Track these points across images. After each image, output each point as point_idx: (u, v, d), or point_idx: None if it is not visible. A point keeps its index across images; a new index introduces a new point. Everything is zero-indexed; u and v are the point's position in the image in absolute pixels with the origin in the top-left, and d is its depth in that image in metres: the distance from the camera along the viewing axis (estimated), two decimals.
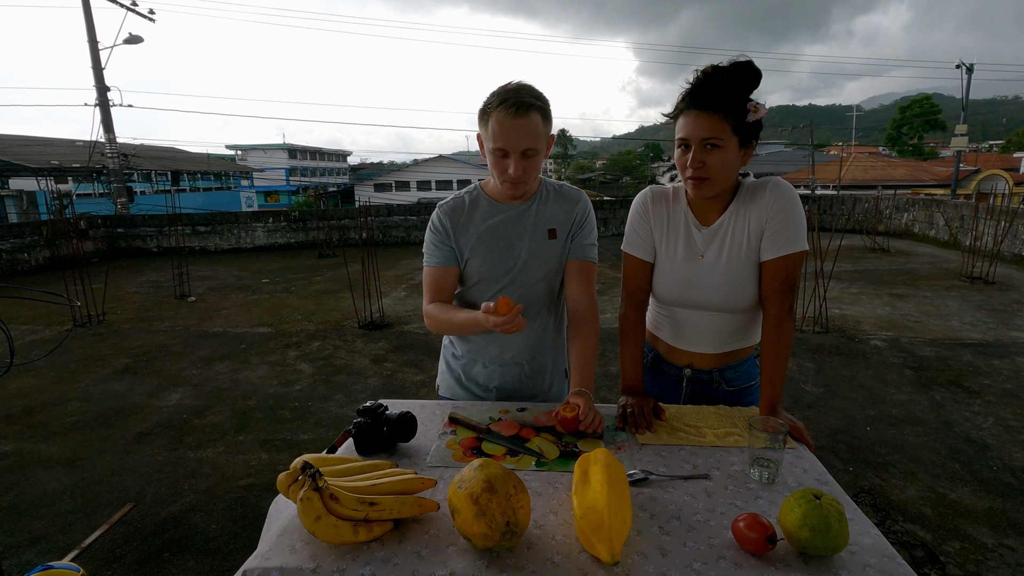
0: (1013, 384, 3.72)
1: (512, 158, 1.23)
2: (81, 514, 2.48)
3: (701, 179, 1.19)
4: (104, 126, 12.86)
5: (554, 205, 1.39)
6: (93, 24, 12.50)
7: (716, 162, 1.17)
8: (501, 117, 1.20)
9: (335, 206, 15.14)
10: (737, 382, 1.41)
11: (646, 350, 1.48)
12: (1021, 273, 7.49)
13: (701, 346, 1.38)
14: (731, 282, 1.27)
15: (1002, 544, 2.18)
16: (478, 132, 1.29)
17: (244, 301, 6.84)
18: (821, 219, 11.81)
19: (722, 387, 1.41)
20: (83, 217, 11.01)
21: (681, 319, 1.37)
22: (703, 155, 1.17)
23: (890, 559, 0.83)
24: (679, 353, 1.42)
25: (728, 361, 1.39)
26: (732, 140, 1.17)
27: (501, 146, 1.22)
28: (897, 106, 43.71)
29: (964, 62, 18.14)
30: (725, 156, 1.17)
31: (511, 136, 1.21)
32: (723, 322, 1.33)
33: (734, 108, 1.15)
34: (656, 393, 1.48)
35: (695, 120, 1.16)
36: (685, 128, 1.18)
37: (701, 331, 1.36)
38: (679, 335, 1.40)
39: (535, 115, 1.21)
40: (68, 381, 4.17)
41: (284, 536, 0.90)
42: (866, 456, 2.86)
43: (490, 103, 1.22)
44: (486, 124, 1.23)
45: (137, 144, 23.83)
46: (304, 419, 3.44)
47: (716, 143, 1.16)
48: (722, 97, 1.14)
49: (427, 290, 1.41)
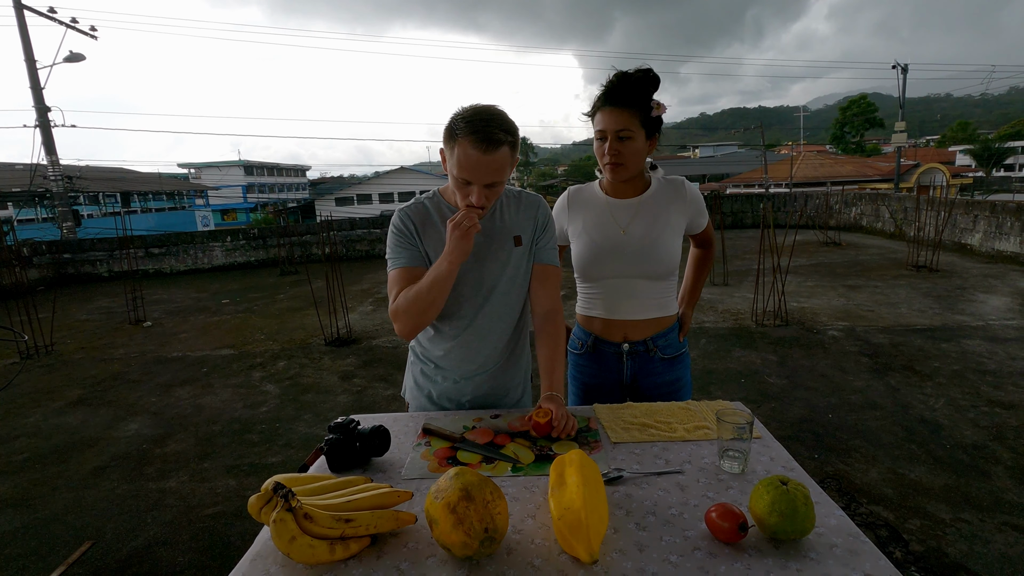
0: (960, 365, 3.93)
1: (475, 188, 1.21)
2: (35, 556, 2.35)
3: (617, 164, 1.43)
4: (46, 148, 12.30)
5: (516, 212, 1.39)
6: (30, 42, 11.97)
7: (628, 150, 1.41)
8: (469, 150, 1.16)
9: (295, 222, 14.86)
10: (669, 350, 1.57)
11: (583, 336, 1.63)
12: (962, 260, 7.92)
13: (634, 312, 1.53)
14: (653, 248, 1.48)
15: (959, 519, 2.28)
16: (441, 148, 1.26)
17: (204, 323, 6.62)
18: (776, 216, 12.23)
19: (657, 355, 1.56)
20: (26, 244, 10.48)
21: (613, 289, 1.53)
22: (618, 145, 1.40)
23: (855, 538, 0.86)
24: (615, 327, 1.56)
25: (658, 328, 1.56)
26: (640, 132, 1.40)
27: (466, 178, 1.19)
28: (839, 106, 45.77)
29: (899, 62, 19.14)
30: (635, 145, 1.41)
31: (477, 170, 1.18)
32: (648, 288, 1.52)
33: (641, 105, 1.38)
34: (598, 378, 1.61)
35: (610, 115, 1.39)
36: (602, 122, 1.41)
37: (632, 296, 1.52)
38: (613, 306, 1.55)
39: (504, 149, 1.18)
40: (15, 416, 3.95)
41: (257, 560, 0.87)
42: (829, 443, 2.96)
43: (458, 128, 1.17)
44: (452, 148, 1.19)
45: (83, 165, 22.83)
46: (272, 441, 3.34)
47: (627, 135, 1.39)
48: (631, 96, 1.38)
49: (392, 294, 1.34)
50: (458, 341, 1.40)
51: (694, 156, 55.37)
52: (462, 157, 1.18)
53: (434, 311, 1.29)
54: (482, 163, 1.17)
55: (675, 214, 1.50)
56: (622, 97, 1.37)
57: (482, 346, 1.40)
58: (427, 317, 1.29)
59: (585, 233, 1.54)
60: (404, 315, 1.28)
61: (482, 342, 1.39)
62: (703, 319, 5.50)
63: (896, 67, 19.24)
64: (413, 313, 1.27)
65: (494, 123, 1.17)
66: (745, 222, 13.21)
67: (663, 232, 1.49)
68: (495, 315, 1.38)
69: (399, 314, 1.29)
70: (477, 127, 1.15)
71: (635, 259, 1.49)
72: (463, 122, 1.17)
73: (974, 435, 2.95)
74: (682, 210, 1.51)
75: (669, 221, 1.49)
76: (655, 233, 1.48)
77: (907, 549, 2.13)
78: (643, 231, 1.48)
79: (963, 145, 46.46)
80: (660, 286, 1.53)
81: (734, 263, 8.02)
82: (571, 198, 1.59)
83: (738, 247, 9.58)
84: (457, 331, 1.38)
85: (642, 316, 1.53)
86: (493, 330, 1.39)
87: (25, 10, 11.75)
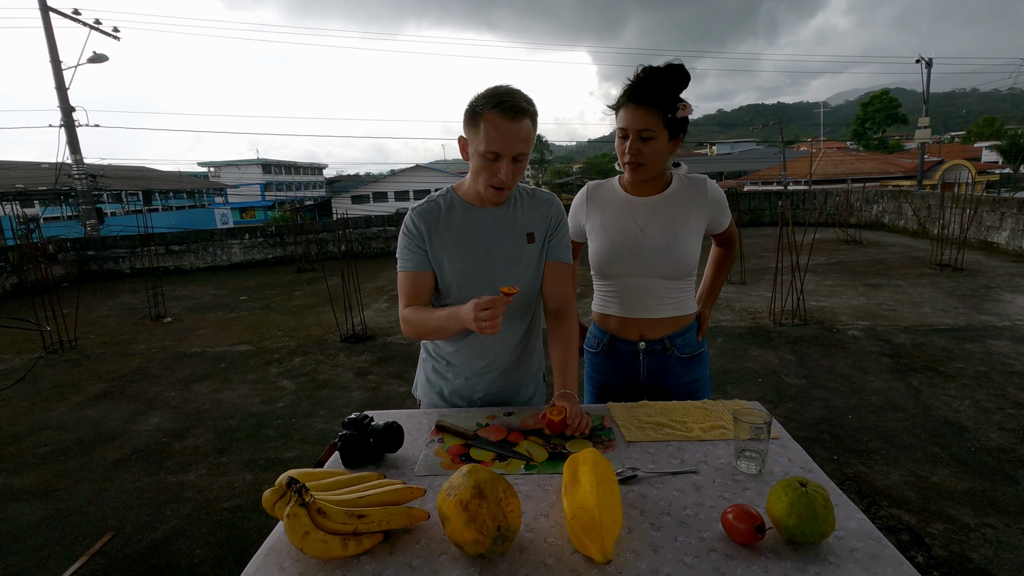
0: (986, 367, 3.83)
1: (503, 162, 1.21)
2: (59, 546, 2.40)
3: (637, 164, 1.40)
4: (70, 147, 12.57)
5: (530, 209, 1.38)
6: (55, 44, 12.23)
7: (650, 151, 1.37)
8: (496, 119, 1.17)
9: (312, 220, 14.98)
10: (687, 349, 1.54)
11: (599, 335, 1.60)
12: (988, 259, 7.72)
13: (650, 311, 1.50)
14: (670, 249, 1.45)
15: (983, 523, 2.23)
16: (461, 135, 1.27)
17: (222, 320, 6.72)
18: (795, 214, 12.05)
19: (674, 355, 1.53)
20: (51, 241, 10.72)
21: (629, 288, 1.51)
22: (639, 144, 1.37)
23: (876, 542, 0.84)
24: (631, 326, 1.53)
25: (675, 328, 1.52)
26: (663, 133, 1.36)
27: (495, 149, 1.19)
28: (860, 102, 44.91)
29: (923, 57, 18.72)
30: (657, 146, 1.37)
31: (506, 140, 1.18)
32: (665, 287, 1.49)
33: (666, 105, 1.34)
34: (615, 376, 1.58)
35: (633, 113, 1.35)
36: (624, 120, 1.37)
37: (648, 295, 1.50)
38: (629, 304, 1.52)
39: (527, 120, 1.20)
40: (40, 410, 4.04)
41: (271, 555, 0.88)
42: (849, 444, 2.91)
43: (481, 104, 1.19)
44: (476, 126, 1.20)
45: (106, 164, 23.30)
46: (288, 436, 3.38)
47: (650, 135, 1.35)
48: (656, 95, 1.33)
49: (403, 296, 1.38)
50: (469, 338, 1.39)
51: (711, 153, 54.79)
52: (490, 130, 1.18)
53: (439, 338, 1.40)
54: (511, 132, 1.18)
55: (695, 214, 1.47)
56: (647, 95, 1.34)
57: (494, 343, 1.39)
58: (432, 339, 1.42)
59: (603, 230, 1.51)
60: (411, 331, 1.36)
61: (493, 339, 1.38)
62: (720, 318, 5.43)
63: (920, 61, 18.81)
64: (418, 331, 1.36)
65: (516, 95, 1.20)
66: (763, 220, 13.03)
67: (681, 232, 1.45)
68: (507, 312, 1.38)
69: (406, 326, 1.36)
70: (501, 98, 1.18)
71: (652, 259, 1.46)
72: (485, 99, 1.19)
73: (1000, 438, 2.88)
74: (702, 210, 1.48)
75: (688, 221, 1.46)
76: (673, 233, 1.45)
77: (930, 554, 2.08)
78: (661, 231, 1.45)
79: (989, 141, 45.30)
80: (677, 285, 1.50)
81: (752, 261, 7.91)
82: (590, 194, 1.57)
83: (756, 245, 9.46)
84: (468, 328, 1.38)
85: (658, 315, 1.51)
86: (505, 327, 1.38)
87: (50, 12, 12.02)
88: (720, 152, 52.97)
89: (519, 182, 1.35)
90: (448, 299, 1.38)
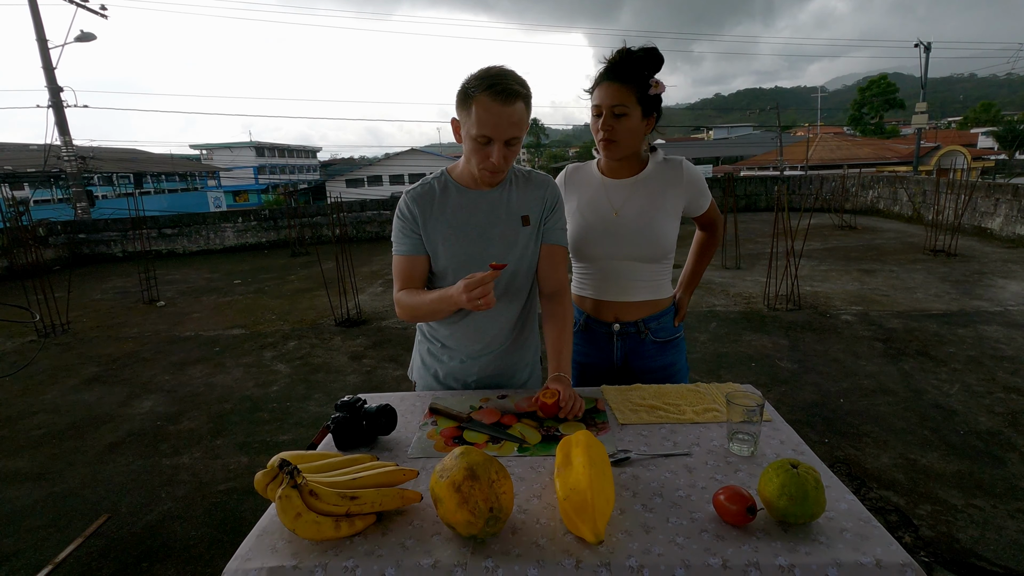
0: (976, 351, 3.86)
1: (495, 146, 1.20)
2: (53, 529, 2.41)
3: (610, 141, 1.40)
4: (59, 128, 12.38)
5: (525, 191, 1.36)
6: (41, 22, 11.98)
7: (623, 128, 1.38)
8: (487, 103, 1.15)
9: (306, 203, 14.87)
10: (662, 333, 1.55)
11: (576, 315, 1.60)
12: (981, 245, 7.76)
13: (625, 293, 1.51)
14: (645, 231, 1.45)
15: (970, 504, 2.26)
16: (453, 117, 1.25)
17: (216, 303, 6.69)
18: (790, 199, 12.04)
19: (648, 338, 1.53)
20: (42, 224, 10.60)
21: (604, 270, 1.52)
22: (612, 121, 1.38)
23: (866, 522, 0.85)
24: (605, 308, 1.54)
25: (650, 311, 1.53)
26: (636, 110, 1.37)
27: (486, 133, 1.18)
28: (857, 87, 44.68)
29: (922, 41, 18.60)
30: (630, 123, 1.38)
31: (498, 123, 1.17)
32: (640, 270, 1.49)
33: (639, 82, 1.36)
34: (590, 357, 1.59)
35: (607, 90, 1.37)
36: (598, 97, 1.39)
37: (623, 277, 1.50)
38: (604, 287, 1.53)
39: (520, 103, 1.18)
40: (34, 393, 4.03)
41: (264, 536, 0.88)
42: (840, 427, 2.94)
43: (473, 86, 1.17)
44: (468, 109, 1.18)
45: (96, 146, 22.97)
46: (283, 420, 3.38)
47: (622, 111, 1.36)
48: (630, 72, 1.35)
49: (397, 279, 1.37)
50: (464, 320, 1.39)
51: (708, 138, 54.49)
52: (481, 113, 1.16)
53: (434, 320, 1.40)
54: (503, 116, 1.16)
55: (671, 196, 1.47)
56: (620, 72, 1.35)
57: (489, 326, 1.39)
58: (427, 321, 1.43)
59: (579, 212, 1.52)
60: (405, 314, 1.36)
61: (489, 322, 1.38)
62: (715, 302, 5.45)
63: (919, 46, 18.69)
64: (412, 313, 1.35)
65: (509, 77, 1.18)
66: (759, 205, 13.02)
67: (657, 214, 1.45)
68: (502, 295, 1.37)
69: (401, 309, 1.36)
70: (493, 81, 1.16)
71: (627, 241, 1.46)
72: (477, 80, 1.18)
73: (989, 421, 2.91)
74: (679, 191, 1.47)
75: (664, 203, 1.46)
76: (648, 215, 1.45)
77: (917, 534, 2.11)
78: (636, 212, 1.46)
79: (986, 127, 45.25)
80: (653, 268, 1.50)
81: (747, 246, 7.92)
82: (568, 176, 1.58)
83: (751, 230, 9.46)
84: (464, 310, 1.37)
85: (633, 298, 1.51)
86: (500, 310, 1.38)
87: None
88: (717, 137, 52.70)
89: (514, 163, 1.34)
90: (443, 282, 1.36)
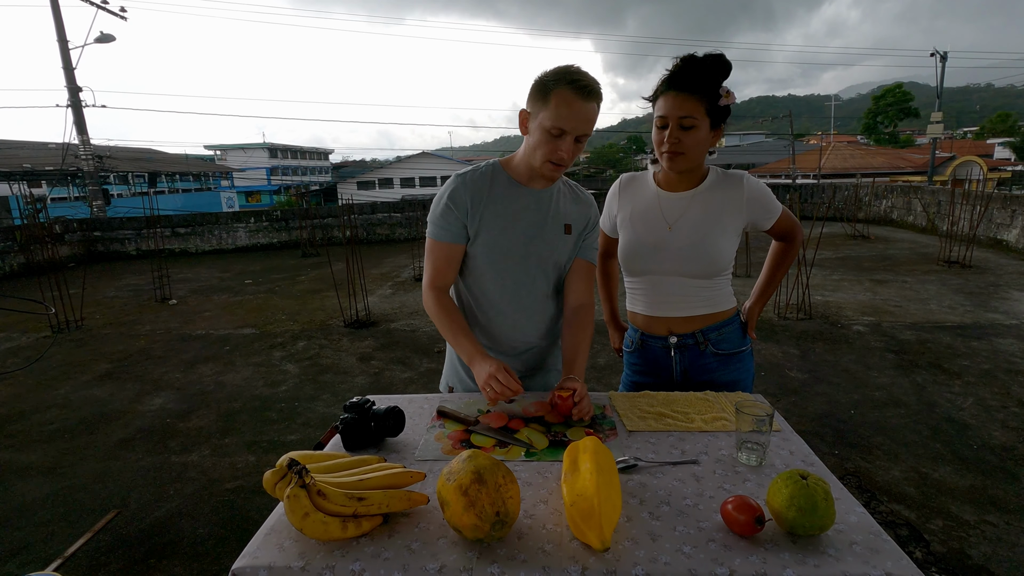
0: (991, 364, 3.81)
1: (567, 139, 1.21)
2: (64, 523, 2.44)
3: (676, 154, 1.33)
4: (77, 127, 12.57)
5: (571, 204, 1.39)
6: (62, 23, 12.19)
7: (691, 140, 1.31)
8: (569, 96, 1.17)
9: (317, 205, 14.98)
10: (724, 345, 1.46)
11: (632, 333, 1.58)
12: (997, 256, 7.66)
13: (677, 309, 1.46)
14: (697, 248, 1.39)
15: (983, 520, 2.22)
16: (523, 109, 1.26)
17: (227, 302, 6.75)
18: (802, 207, 11.95)
19: (709, 349, 1.46)
20: (58, 221, 10.77)
21: (656, 285, 1.46)
22: (679, 133, 1.31)
23: (876, 536, 0.84)
24: (657, 323, 1.49)
25: (709, 323, 1.46)
26: (705, 121, 1.31)
27: (562, 126, 1.18)
28: (872, 95, 44.30)
29: (938, 50, 18.43)
30: (698, 135, 1.31)
31: (576, 118, 1.18)
32: (694, 286, 1.43)
33: (708, 92, 1.29)
34: (647, 375, 1.54)
35: (673, 101, 1.29)
36: (664, 107, 1.31)
37: (674, 294, 1.44)
38: (655, 302, 1.48)
39: (595, 103, 1.20)
40: (46, 388, 4.08)
41: (272, 534, 0.88)
42: (851, 439, 2.90)
43: (553, 80, 1.18)
44: (545, 100, 1.19)
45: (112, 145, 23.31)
46: (291, 420, 3.40)
47: (691, 123, 1.29)
48: (698, 81, 1.28)
49: (429, 266, 1.36)
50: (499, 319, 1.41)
51: (720, 145, 54.19)
52: (560, 106, 1.17)
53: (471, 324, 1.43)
54: (582, 111, 1.18)
55: (729, 213, 1.39)
56: (688, 82, 1.28)
57: (524, 321, 1.41)
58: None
59: (631, 224, 1.47)
60: (430, 312, 1.38)
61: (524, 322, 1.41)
62: None
63: (935, 55, 18.52)
64: (436, 322, 1.37)
65: (589, 76, 1.20)
66: None
67: (712, 230, 1.38)
68: (533, 292, 1.39)
69: (428, 308, 1.38)
70: (575, 77, 1.18)
71: (679, 258, 1.40)
72: (558, 75, 1.19)
73: (1003, 436, 2.87)
74: (738, 208, 1.40)
75: (721, 219, 1.39)
76: (703, 231, 1.39)
77: (928, 549, 2.08)
78: (690, 229, 1.39)
79: (1003, 137, 44.69)
80: (707, 284, 1.43)
81: (758, 254, 7.86)
82: (623, 185, 1.53)
83: (762, 238, 9.35)
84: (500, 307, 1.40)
85: (686, 313, 1.45)
86: (536, 310, 1.41)
87: None
88: (729, 144, 52.48)
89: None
90: (470, 267, 1.37)
